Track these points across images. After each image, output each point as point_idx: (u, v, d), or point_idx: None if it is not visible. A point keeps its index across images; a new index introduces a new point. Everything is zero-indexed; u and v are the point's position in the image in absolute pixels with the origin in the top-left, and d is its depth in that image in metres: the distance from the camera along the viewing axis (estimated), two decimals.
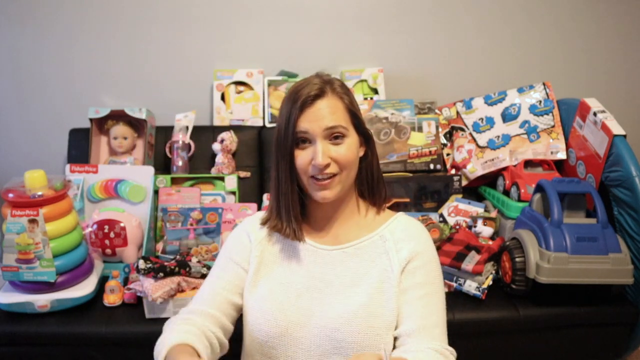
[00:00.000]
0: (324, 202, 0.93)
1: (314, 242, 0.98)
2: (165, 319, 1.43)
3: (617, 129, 1.63)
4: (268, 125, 2.13)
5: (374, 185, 1.01)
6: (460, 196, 1.94)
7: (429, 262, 0.94)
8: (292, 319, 0.89)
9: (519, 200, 1.78)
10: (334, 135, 0.90)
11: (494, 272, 1.63)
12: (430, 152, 2.02)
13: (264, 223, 1.00)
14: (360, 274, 0.92)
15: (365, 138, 0.98)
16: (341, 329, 0.87)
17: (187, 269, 1.51)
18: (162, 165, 2.04)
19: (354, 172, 0.95)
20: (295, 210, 0.94)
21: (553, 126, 1.97)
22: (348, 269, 0.93)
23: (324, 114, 0.89)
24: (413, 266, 0.92)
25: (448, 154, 2.09)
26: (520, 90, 2.04)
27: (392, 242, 0.94)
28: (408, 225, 0.98)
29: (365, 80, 2.19)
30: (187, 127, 2.02)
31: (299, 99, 0.89)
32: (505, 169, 1.96)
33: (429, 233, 0.99)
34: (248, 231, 1.01)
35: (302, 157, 0.90)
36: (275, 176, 0.95)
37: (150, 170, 1.85)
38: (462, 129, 2.08)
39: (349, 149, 0.91)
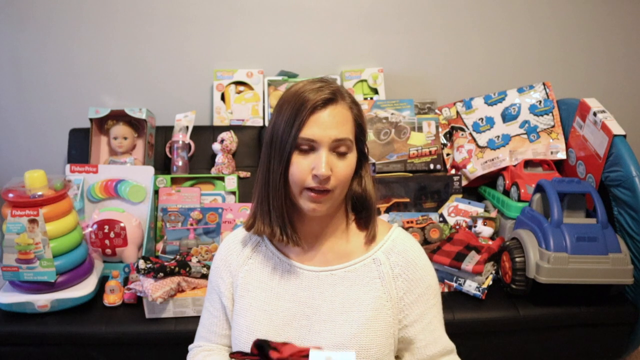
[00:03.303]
0: (312, 216, 0.86)
1: (299, 263, 0.90)
2: (165, 319, 1.46)
3: (617, 129, 1.63)
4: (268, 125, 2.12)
5: (365, 206, 0.91)
6: (460, 196, 1.94)
7: (427, 288, 0.89)
8: None
9: (519, 200, 1.78)
10: (339, 149, 0.83)
11: (494, 272, 1.63)
12: (430, 152, 2.02)
13: (248, 228, 0.91)
14: (351, 300, 0.86)
15: (361, 157, 0.90)
16: None
17: (187, 269, 1.51)
18: (162, 165, 2.04)
19: (346, 189, 0.87)
20: (289, 215, 0.86)
21: (553, 126, 1.97)
22: (338, 294, 0.87)
23: (334, 122, 0.82)
24: (413, 297, 0.87)
25: (448, 154, 2.09)
26: (520, 90, 2.04)
27: (388, 266, 0.88)
28: (405, 247, 0.90)
29: (365, 80, 2.19)
30: (187, 127, 2.02)
31: (309, 102, 0.81)
32: (505, 169, 1.96)
33: (424, 250, 0.93)
34: (226, 258, 0.95)
35: (301, 164, 0.81)
36: (265, 178, 0.86)
37: (150, 170, 1.86)
38: (462, 129, 2.08)
39: (350, 166, 0.84)
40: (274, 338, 0.84)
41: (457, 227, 1.85)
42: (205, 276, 1.54)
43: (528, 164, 1.91)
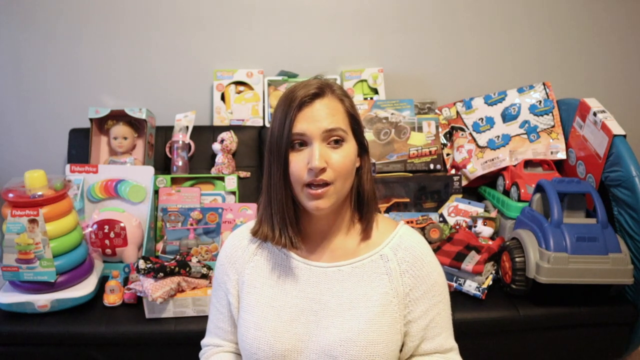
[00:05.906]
0: (318, 214, 0.86)
1: (307, 259, 0.91)
2: (165, 319, 1.46)
3: (617, 129, 1.63)
4: (268, 125, 2.13)
5: (364, 202, 0.91)
6: (460, 196, 1.94)
7: (433, 285, 0.89)
8: (288, 346, 0.85)
9: (519, 200, 1.78)
10: (333, 139, 0.83)
11: (494, 272, 1.63)
12: (430, 152, 2.02)
13: (254, 234, 0.93)
14: (359, 296, 0.87)
15: (362, 149, 0.90)
16: (339, 357, 0.83)
17: (187, 269, 1.51)
18: (162, 165, 2.04)
19: (349, 182, 0.87)
20: (290, 217, 0.87)
21: (553, 126, 1.97)
22: (345, 290, 0.88)
23: (323, 114, 0.83)
24: (419, 293, 0.88)
25: (448, 154, 2.09)
26: (520, 90, 2.04)
27: (396, 262, 0.88)
28: (412, 243, 0.90)
29: (365, 80, 2.19)
30: (187, 127, 2.02)
31: (296, 99, 0.83)
32: (505, 169, 1.96)
33: (431, 248, 0.93)
34: (231, 255, 0.95)
35: (296, 161, 0.83)
36: (268, 181, 0.87)
37: (150, 170, 1.86)
38: (462, 129, 2.08)
39: (347, 155, 0.84)
40: (282, 334, 0.85)
41: (457, 227, 1.85)
42: (205, 276, 1.54)
43: (528, 164, 1.91)
